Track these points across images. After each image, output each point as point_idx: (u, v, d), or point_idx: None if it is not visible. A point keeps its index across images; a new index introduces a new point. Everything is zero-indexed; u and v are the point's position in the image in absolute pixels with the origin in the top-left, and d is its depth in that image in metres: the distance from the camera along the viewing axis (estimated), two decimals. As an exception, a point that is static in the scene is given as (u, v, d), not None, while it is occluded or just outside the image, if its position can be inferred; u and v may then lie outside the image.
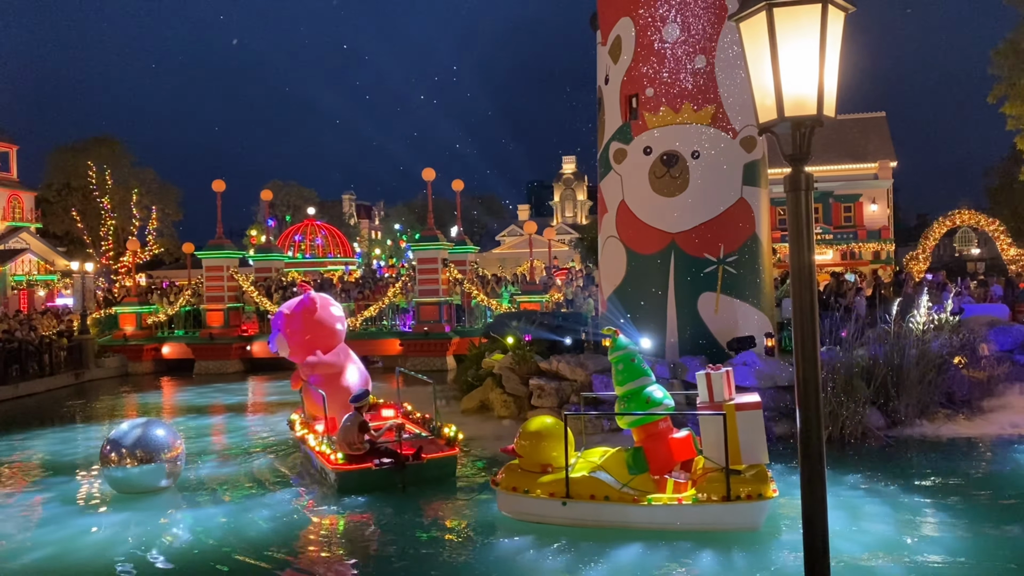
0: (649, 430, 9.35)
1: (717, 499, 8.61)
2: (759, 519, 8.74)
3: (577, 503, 8.98)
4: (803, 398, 2.98)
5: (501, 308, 27.05)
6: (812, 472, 3.09)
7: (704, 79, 15.92)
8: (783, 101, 2.91)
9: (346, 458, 11.27)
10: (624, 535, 8.78)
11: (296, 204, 69.33)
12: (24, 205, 46.66)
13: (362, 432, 11.42)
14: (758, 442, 8.94)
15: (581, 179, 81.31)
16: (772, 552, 8.45)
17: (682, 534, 8.71)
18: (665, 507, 8.84)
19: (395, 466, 11.18)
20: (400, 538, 9.40)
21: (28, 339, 25.27)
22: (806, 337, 3.01)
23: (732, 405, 8.94)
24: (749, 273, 16.02)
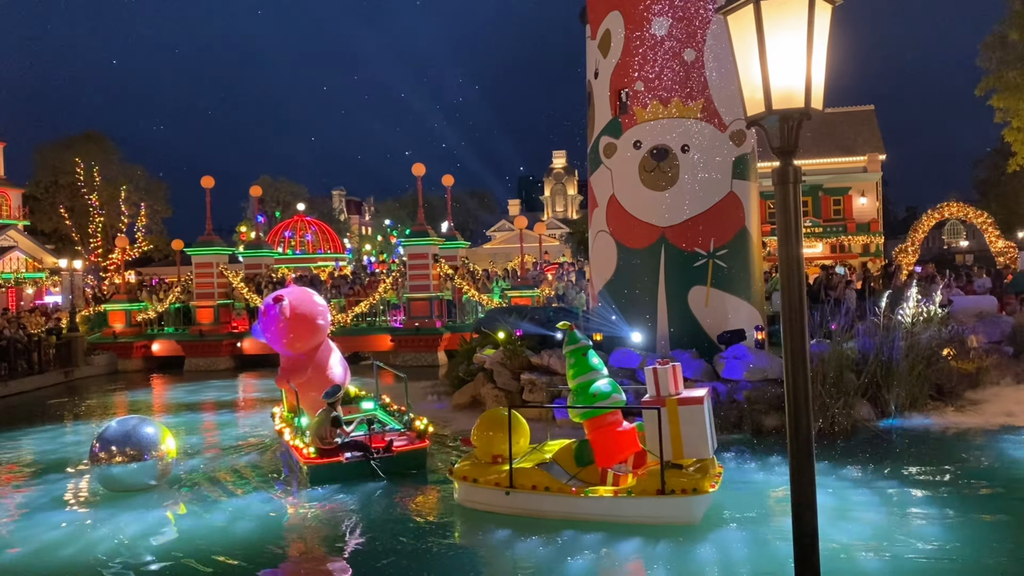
0: (596, 423, 9.46)
1: (652, 492, 8.73)
2: (695, 513, 8.83)
3: (519, 493, 9.25)
4: (792, 391, 2.98)
5: (492, 303, 27.04)
6: (801, 466, 3.09)
7: (694, 73, 15.91)
8: (771, 94, 2.90)
9: (317, 452, 11.51)
10: (585, 527, 8.86)
11: (286, 200, 69.05)
12: (11, 202, 46.42)
13: (334, 427, 11.64)
14: (699, 437, 8.98)
15: (572, 174, 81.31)
16: (701, 546, 8.44)
17: (632, 527, 8.77)
18: (602, 499, 9.00)
19: (364, 459, 11.42)
20: (378, 532, 9.51)
21: (17, 337, 25.12)
22: (795, 330, 3.01)
23: (674, 400, 9.04)
24: (739, 267, 16.04)
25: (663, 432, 8.80)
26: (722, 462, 11.82)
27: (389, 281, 29.29)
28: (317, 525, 10.04)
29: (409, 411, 13.54)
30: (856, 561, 7.89)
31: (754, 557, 8.16)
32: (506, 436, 9.50)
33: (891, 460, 11.82)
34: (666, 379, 9.26)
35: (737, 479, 11.09)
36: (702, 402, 9.08)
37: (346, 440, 11.77)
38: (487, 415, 10.17)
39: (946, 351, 15.23)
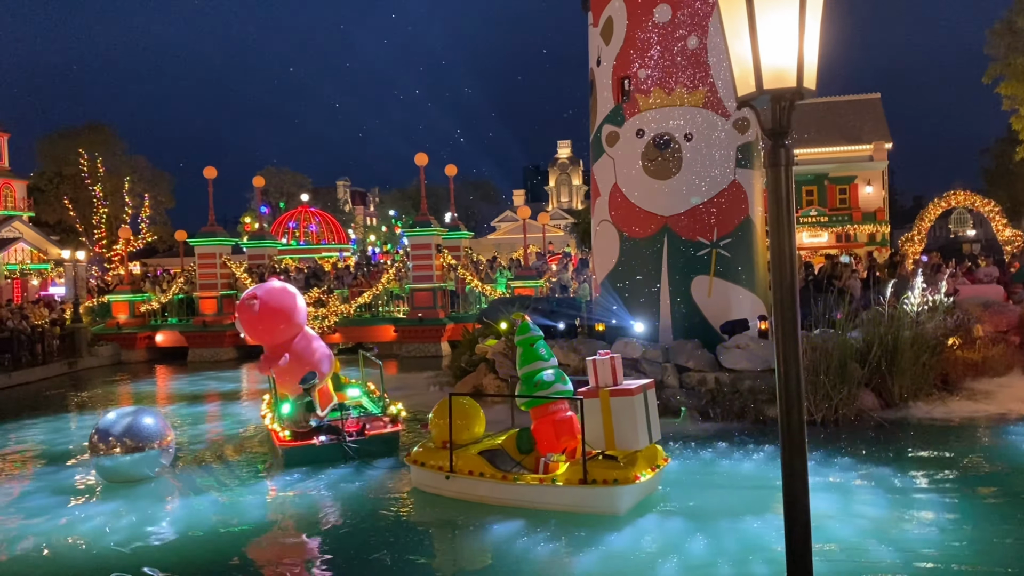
0: (539, 412, 9.73)
1: (575, 482, 8.90)
2: (617, 504, 8.90)
3: (458, 478, 9.65)
4: (784, 383, 2.89)
5: (496, 294, 26.96)
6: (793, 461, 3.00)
7: (696, 60, 15.76)
8: (762, 73, 2.80)
9: (292, 435, 12.06)
10: (531, 514, 9.04)
11: (290, 191, 68.98)
12: (16, 194, 46.37)
13: (308, 411, 12.25)
14: (629, 428, 9.13)
15: (576, 164, 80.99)
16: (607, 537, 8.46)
17: (575, 515, 8.91)
18: (529, 486, 9.24)
19: (337, 441, 11.89)
20: (352, 517, 9.78)
21: (20, 328, 25.15)
22: (786, 321, 2.92)
23: (607, 391, 9.19)
24: (743, 256, 15.93)
25: (597, 422, 9.07)
26: (722, 452, 11.80)
27: (392, 272, 29.21)
28: (297, 511, 10.14)
29: (383, 397, 13.89)
30: (858, 554, 7.80)
31: (712, 548, 8.06)
32: (456, 423, 9.91)
33: (895, 450, 11.72)
34: (605, 370, 9.44)
35: (732, 469, 11.03)
36: (633, 394, 9.15)
37: (320, 424, 12.19)
38: (442, 403, 10.37)
39: (952, 340, 15.10)
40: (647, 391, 9.45)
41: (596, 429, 9.25)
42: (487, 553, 8.38)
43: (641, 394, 9.29)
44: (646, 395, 9.41)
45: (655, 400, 9.64)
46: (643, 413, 9.26)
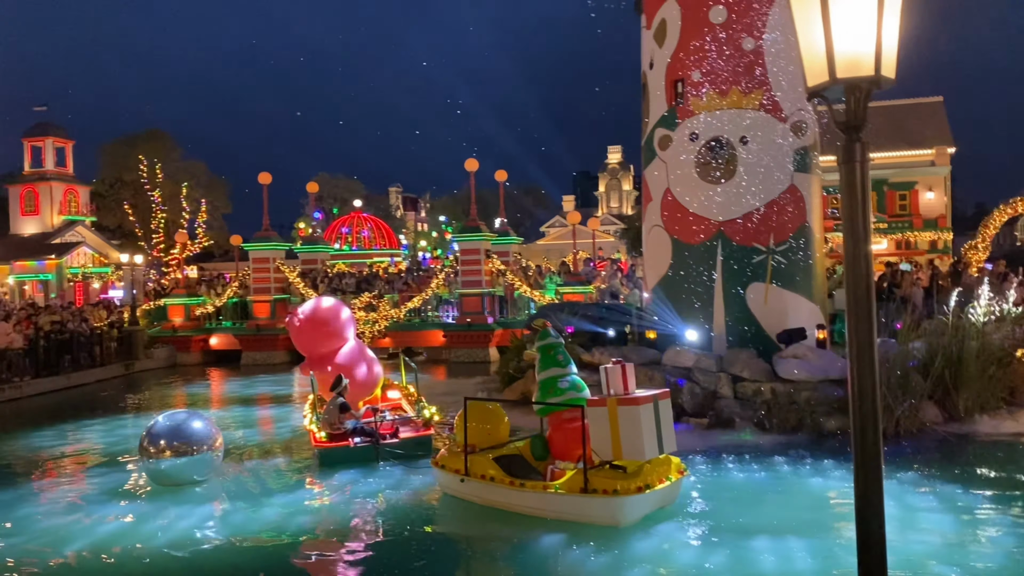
0: (553, 420, 9.72)
1: (576, 490, 8.84)
2: (617, 515, 8.74)
3: (472, 481, 9.75)
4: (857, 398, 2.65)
5: (545, 299, 26.76)
6: (868, 479, 2.75)
7: (752, 62, 15.39)
8: (835, 61, 2.56)
9: (328, 436, 12.46)
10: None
11: (343, 197, 69.73)
12: (79, 199, 47.62)
13: (342, 412, 12.61)
14: (635, 439, 8.89)
15: (627, 169, 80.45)
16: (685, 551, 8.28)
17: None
18: (534, 493, 9.23)
19: (371, 444, 12.23)
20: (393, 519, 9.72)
21: (80, 330, 25.71)
22: (861, 329, 2.67)
23: (614, 400, 9.01)
24: (800, 263, 15.49)
25: (605, 431, 8.96)
26: (777, 466, 11.42)
27: (442, 277, 29.21)
28: (336, 516, 10.19)
29: (420, 400, 14.08)
30: (921, 573, 7.42)
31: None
32: (479, 427, 10.14)
33: (960, 466, 11.22)
34: (615, 379, 9.26)
35: (788, 484, 10.66)
36: (639, 403, 8.91)
37: (355, 426, 12.53)
38: (468, 407, 10.43)
39: (1020, 352, 14.45)
40: (659, 401, 9.19)
41: (604, 438, 9.07)
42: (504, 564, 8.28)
43: (650, 404, 9.04)
44: (657, 405, 9.14)
45: (669, 410, 9.36)
46: (652, 424, 9.00)
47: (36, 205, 45.85)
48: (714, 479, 11.11)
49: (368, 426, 12.62)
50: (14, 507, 10.76)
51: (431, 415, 13.33)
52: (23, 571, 8.46)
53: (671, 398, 9.79)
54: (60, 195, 46.21)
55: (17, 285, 43.13)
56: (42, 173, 45.89)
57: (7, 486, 12.16)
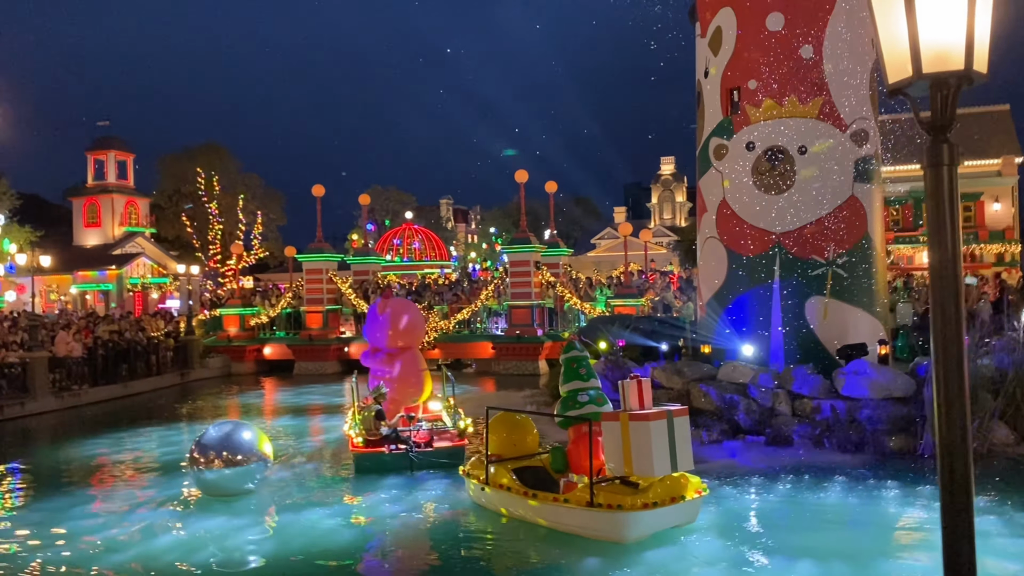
0: (574, 431, 9.70)
1: (582, 504, 8.85)
2: (620, 530, 8.69)
3: (492, 490, 9.99)
4: (945, 427, 2.40)
5: (595, 312, 26.46)
6: (956, 508, 2.49)
7: (811, 70, 14.99)
8: (920, 54, 2.32)
9: (364, 442, 12.76)
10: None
11: (395, 209, 70.32)
12: (139, 211, 48.83)
13: (378, 420, 12.95)
14: (645, 455, 8.73)
15: (680, 180, 79.54)
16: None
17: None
18: (544, 505, 9.34)
19: (405, 451, 12.54)
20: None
21: (137, 340, 26.21)
22: (949, 346, 2.42)
23: (626, 415, 8.91)
24: (861, 276, 14.99)
25: (618, 446, 8.88)
26: (837, 486, 10.98)
27: (491, 288, 29.12)
28: (380, 528, 10.09)
29: (457, 411, 14.20)
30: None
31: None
32: (506, 437, 10.48)
33: (1035, 491, 10.63)
34: (629, 393, 9.13)
35: (847, 505, 10.22)
36: (650, 419, 8.75)
37: (390, 433, 12.84)
38: (495, 418, 10.67)
39: (1098, 370, 13.72)
40: (674, 418, 8.93)
41: (617, 453, 8.96)
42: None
43: (662, 421, 8.80)
44: (672, 422, 8.86)
45: (686, 428, 9.08)
46: (663, 440, 8.76)
47: (98, 217, 47.14)
48: (769, 499, 10.73)
49: (403, 434, 12.89)
50: (68, 514, 10.87)
51: (465, 426, 13.49)
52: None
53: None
54: (121, 207, 47.43)
55: (79, 295, 44.30)
56: (104, 186, 47.18)
57: (63, 493, 12.33)
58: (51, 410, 21.14)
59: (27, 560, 9.04)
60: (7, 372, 20.93)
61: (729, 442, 13.68)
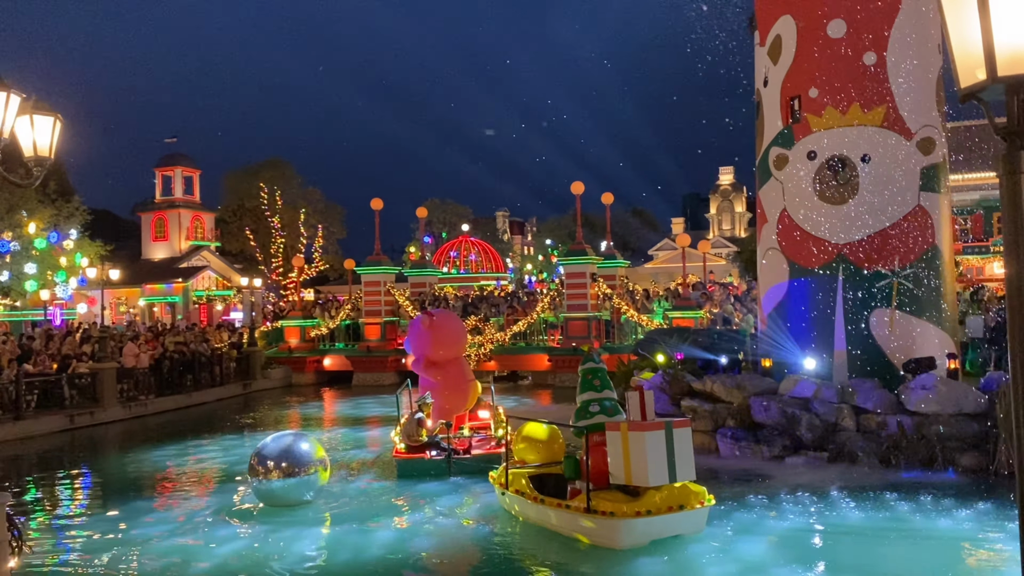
0: (589, 441, 9.82)
1: (580, 510, 9.23)
2: (614, 536, 9.02)
3: (510, 495, 10.52)
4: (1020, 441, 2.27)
5: (652, 324, 26.19)
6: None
7: (874, 77, 14.63)
8: (995, 57, 2.21)
9: (407, 448, 13.43)
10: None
11: (452, 221, 70.86)
12: (205, 225, 50.09)
13: (420, 426, 13.58)
14: (641, 464, 9.02)
15: (739, 190, 78.58)
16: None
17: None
18: (551, 509, 9.79)
19: (444, 458, 13.05)
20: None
21: (201, 351, 26.82)
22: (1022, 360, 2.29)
23: (626, 425, 9.29)
24: (928, 287, 14.52)
25: (620, 455, 9.20)
26: (904, 505, 10.63)
27: (547, 300, 29.05)
28: (428, 540, 10.03)
29: (501, 419, 14.44)
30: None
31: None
32: (531, 445, 11.19)
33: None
34: (633, 404, 9.59)
35: (914, 525, 9.87)
36: (646, 430, 9.10)
37: (431, 439, 13.45)
38: (521, 427, 11.47)
39: None
40: (675, 429, 9.20)
41: (619, 461, 9.29)
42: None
43: (660, 432, 9.10)
44: (671, 433, 9.14)
45: (687, 439, 9.32)
46: (661, 451, 9.03)
47: (166, 231, 48.50)
48: (832, 517, 10.43)
49: (443, 441, 13.42)
50: (133, 521, 11.12)
51: (504, 434, 13.41)
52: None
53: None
54: (188, 222, 48.71)
55: (147, 307, 45.60)
56: (171, 201, 48.55)
57: (127, 501, 12.62)
58: (119, 419, 21.75)
59: (92, 564, 9.27)
60: (78, 382, 21.61)
61: (791, 458, 13.35)
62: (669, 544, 9.24)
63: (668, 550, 9.10)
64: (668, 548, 9.15)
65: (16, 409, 19.40)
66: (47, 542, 10.35)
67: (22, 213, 33.70)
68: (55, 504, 13.08)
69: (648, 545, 9.21)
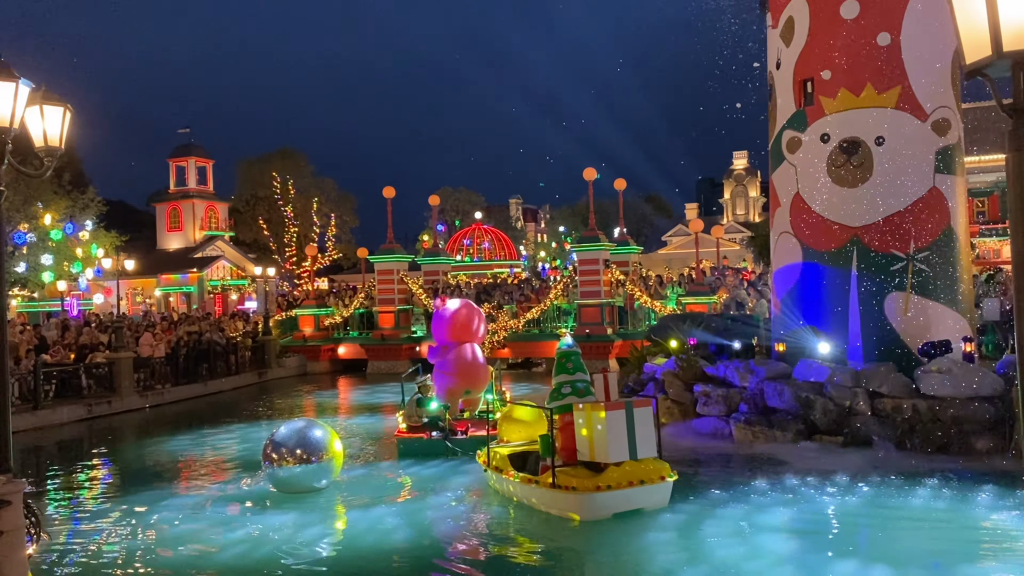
0: (560, 421, 10.29)
1: (546, 484, 9.86)
2: (576, 509, 9.64)
3: (490, 471, 11.24)
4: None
5: (666, 310, 26.13)
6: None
7: (888, 58, 14.47)
8: (1000, 33, 2.17)
9: (408, 428, 14.14)
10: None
11: (465, 209, 70.87)
12: (219, 215, 50.34)
13: (420, 407, 14.23)
14: (602, 442, 9.63)
15: (754, 175, 77.96)
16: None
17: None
18: (520, 484, 10.44)
19: (443, 438, 13.68)
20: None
21: (216, 340, 26.98)
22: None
23: (588, 405, 9.93)
24: (944, 270, 14.40)
25: (587, 434, 9.83)
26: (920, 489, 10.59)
27: (560, 287, 29.02)
28: (435, 526, 10.09)
29: (497, 403, 14.71)
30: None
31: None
32: (516, 425, 11.79)
33: None
34: (598, 386, 10.28)
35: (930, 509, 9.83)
36: (607, 409, 9.65)
37: (430, 420, 14.01)
38: (506, 409, 12.30)
39: None
40: (635, 409, 9.81)
41: (584, 440, 9.92)
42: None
43: (620, 411, 9.70)
44: (631, 412, 9.75)
45: (648, 418, 9.95)
46: (621, 429, 9.65)
47: (180, 221, 48.77)
48: (849, 502, 10.39)
49: (442, 422, 13.99)
50: (148, 510, 11.19)
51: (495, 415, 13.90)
52: (136, 569, 8.75)
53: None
54: (202, 212, 48.96)
55: (163, 297, 45.92)
56: (185, 191, 48.78)
57: (144, 488, 12.74)
58: (136, 408, 21.95)
59: (109, 550, 9.38)
60: (95, 372, 21.81)
61: (805, 443, 13.31)
62: (680, 526, 9.28)
63: (679, 532, 9.12)
64: (679, 530, 9.17)
65: (35, 399, 19.60)
66: (65, 529, 10.47)
67: (38, 205, 33.99)
68: (73, 492, 13.22)
69: (658, 528, 9.25)
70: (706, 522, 9.49)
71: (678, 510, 10.00)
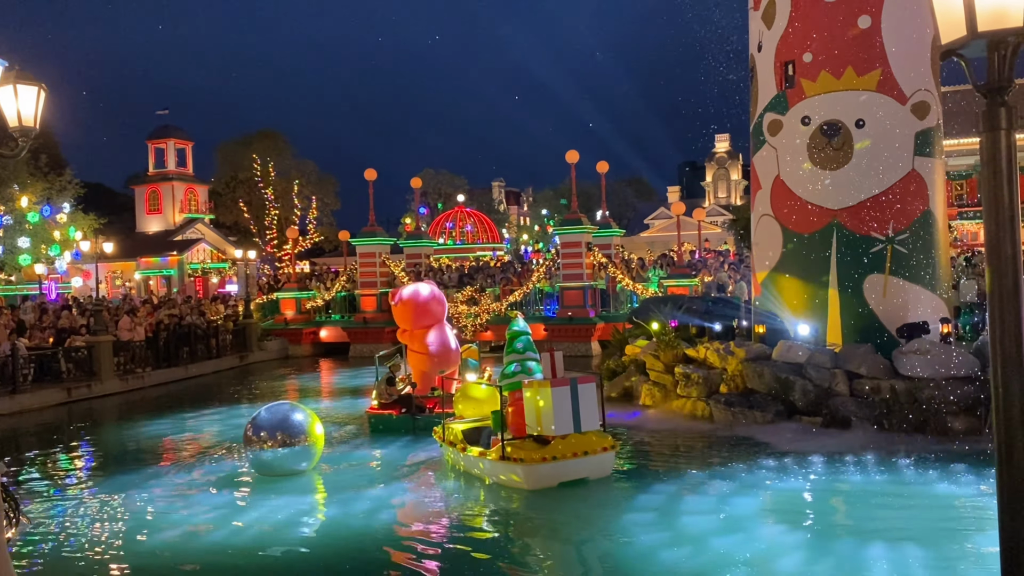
0: (509, 398, 10.81)
1: (496, 457, 10.46)
2: (524, 479, 10.21)
3: (445, 446, 11.91)
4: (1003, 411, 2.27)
5: (648, 292, 26.23)
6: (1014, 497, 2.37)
7: (868, 41, 14.51)
8: (975, 12, 2.18)
9: (380, 405, 14.90)
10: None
11: (447, 192, 70.57)
12: (199, 198, 49.83)
13: (389, 385, 14.98)
14: (547, 416, 10.25)
15: (735, 158, 78.08)
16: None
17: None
18: (472, 457, 11.05)
19: (410, 414, 14.50)
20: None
21: (197, 324, 26.81)
22: (1007, 326, 2.29)
23: (534, 382, 10.56)
24: (922, 253, 14.53)
25: (532, 409, 10.42)
26: (897, 468, 10.74)
27: (542, 270, 29.05)
28: (427, 508, 10.04)
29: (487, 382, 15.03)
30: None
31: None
32: (472, 402, 12.20)
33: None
34: (545, 365, 10.85)
35: (908, 487, 9.97)
36: (550, 386, 10.29)
37: (400, 398, 14.74)
38: (461, 387, 12.83)
39: None
40: (579, 385, 10.45)
41: (532, 415, 10.45)
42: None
43: (565, 388, 10.33)
44: (576, 388, 10.38)
45: (592, 394, 10.57)
46: (566, 404, 10.28)
47: (159, 204, 48.26)
48: (827, 481, 10.54)
49: (413, 400, 14.67)
50: (128, 494, 11.16)
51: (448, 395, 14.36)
52: (116, 552, 8.73)
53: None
54: (181, 194, 48.44)
55: (143, 280, 45.51)
56: (164, 174, 48.22)
57: (124, 472, 12.69)
58: (116, 392, 21.81)
59: (89, 534, 9.34)
60: (74, 356, 21.63)
61: (784, 423, 13.44)
62: (665, 507, 9.38)
63: (658, 513, 9.20)
64: (658, 511, 9.26)
65: (13, 383, 19.43)
66: (45, 513, 10.41)
67: (14, 187, 33.51)
68: (52, 476, 13.14)
69: (643, 509, 9.32)
70: (685, 502, 9.58)
71: (657, 491, 10.10)
